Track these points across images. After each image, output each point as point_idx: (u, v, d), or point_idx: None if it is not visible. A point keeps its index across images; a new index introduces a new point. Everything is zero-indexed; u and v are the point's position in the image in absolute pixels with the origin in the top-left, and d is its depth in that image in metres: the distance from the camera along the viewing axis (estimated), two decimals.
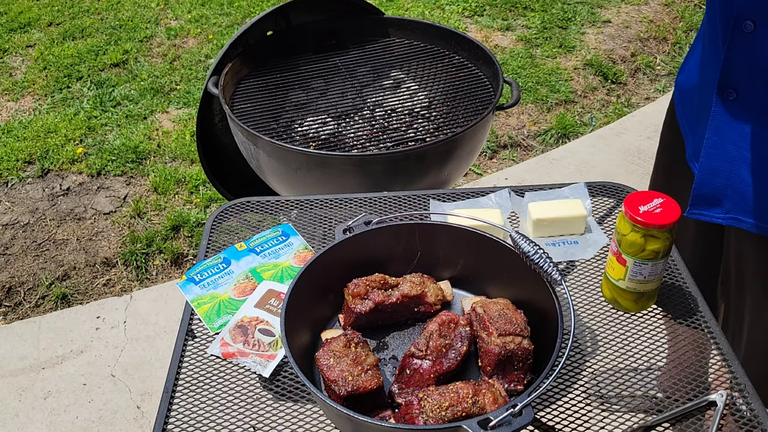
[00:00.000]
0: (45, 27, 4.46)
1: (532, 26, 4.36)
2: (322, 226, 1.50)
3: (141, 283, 2.81)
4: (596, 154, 3.42)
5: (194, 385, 1.17)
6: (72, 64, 4.06)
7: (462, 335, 1.10)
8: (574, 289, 1.34)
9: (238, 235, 1.49)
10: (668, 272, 1.35)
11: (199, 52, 4.16)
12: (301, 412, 1.12)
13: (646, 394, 1.15)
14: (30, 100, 3.82)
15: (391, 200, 1.55)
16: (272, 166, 1.87)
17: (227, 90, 2.02)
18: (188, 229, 2.98)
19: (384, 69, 2.22)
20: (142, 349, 2.51)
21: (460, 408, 0.97)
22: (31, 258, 2.89)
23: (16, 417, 2.30)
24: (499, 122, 3.62)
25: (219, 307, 1.29)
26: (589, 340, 1.24)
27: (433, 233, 1.23)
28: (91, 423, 2.28)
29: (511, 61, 4.00)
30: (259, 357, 1.18)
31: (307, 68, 2.19)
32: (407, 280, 1.20)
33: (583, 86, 3.88)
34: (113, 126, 3.58)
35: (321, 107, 2.08)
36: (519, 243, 1.10)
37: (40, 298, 2.75)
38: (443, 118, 2.05)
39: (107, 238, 2.98)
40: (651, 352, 1.21)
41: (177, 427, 1.10)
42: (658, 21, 4.47)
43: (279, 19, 2.24)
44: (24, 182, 3.24)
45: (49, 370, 2.45)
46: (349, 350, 1.06)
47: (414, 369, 1.08)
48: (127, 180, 3.26)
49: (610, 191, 1.56)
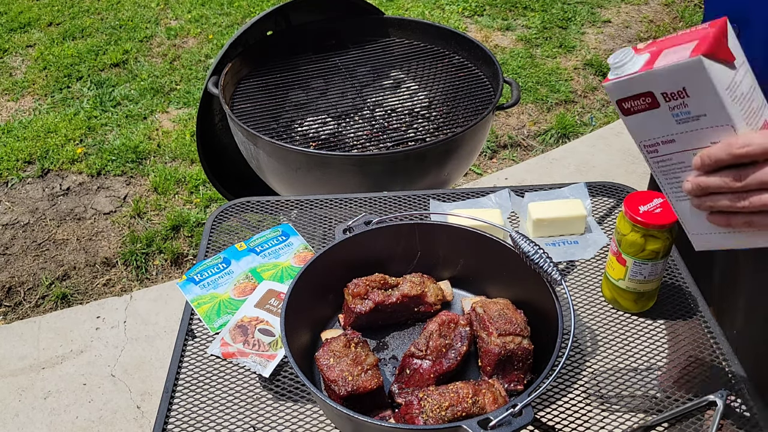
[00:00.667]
0: (45, 27, 4.46)
1: (532, 26, 4.36)
2: (322, 226, 1.50)
3: (141, 283, 2.81)
4: (596, 154, 3.42)
5: (194, 385, 1.17)
6: (72, 64, 4.06)
7: (462, 335, 1.10)
8: (574, 289, 1.34)
9: (238, 235, 1.49)
10: (668, 272, 1.35)
11: (199, 52, 4.16)
12: (301, 412, 1.12)
13: (646, 394, 1.15)
14: (30, 100, 3.82)
15: (391, 200, 1.55)
16: (272, 166, 1.87)
17: (227, 90, 2.02)
18: (188, 229, 2.98)
19: (384, 69, 2.22)
20: (142, 349, 2.51)
21: (460, 408, 0.97)
22: (31, 258, 2.89)
23: (16, 417, 2.30)
24: (499, 122, 3.62)
25: (219, 307, 1.29)
26: (589, 340, 1.24)
27: (433, 233, 1.23)
28: (91, 423, 2.28)
29: (511, 61, 4.00)
30: (259, 357, 1.18)
31: (307, 68, 2.19)
32: (407, 280, 1.20)
33: (583, 86, 3.88)
34: (113, 126, 3.58)
35: (321, 107, 2.08)
36: (519, 243, 1.10)
37: (40, 298, 2.75)
38: (443, 118, 2.05)
39: (107, 238, 2.98)
40: (651, 352, 1.21)
41: (177, 427, 1.10)
42: (658, 21, 4.47)
43: (279, 19, 2.24)
44: (24, 182, 3.24)
45: (49, 370, 2.45)
46: (349, 350, 1.06)
47: (414, 369, 1.08)
48: (127, 180, 3.26)
49: (610, 191, 1.56)
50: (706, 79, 0.73)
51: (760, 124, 0.78)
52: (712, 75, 0.73)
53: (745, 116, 0.76)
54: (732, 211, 0.80)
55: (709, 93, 0.74)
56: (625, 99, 0.79)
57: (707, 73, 0.72)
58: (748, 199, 0.77)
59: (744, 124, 0.76)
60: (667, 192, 0.87)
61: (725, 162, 0.77)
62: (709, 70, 0.72)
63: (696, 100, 0.75)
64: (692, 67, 0.73)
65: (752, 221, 0.79)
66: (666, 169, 0.83)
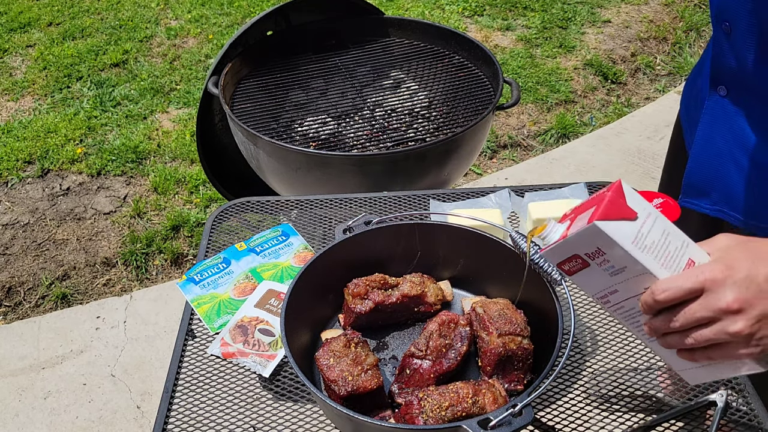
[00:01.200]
0: (45, 27, 4.46)
1: (532, 26, 4.36)
2: (322, 226, 1.50)
3: (141, 283, 2.81)
4: (596, 154, 3.43)
5: (194, 385, 1.17)
6: (72, 64, 4.06)
7: (462, 335, 1.10)
8: (574, 289, 1.34)
9: (238, 235, 1.49)
10: None
11: (199, 52, 4.16)
12: (301, 412, 1.12)
13: (646, 394, 1.15)
14: (30, 100, 3.82)
15: (391, 200, 1.55)
16: (272, 166, 1.87)
17: (227, 90, 2.02)
18: (188, 229, 2.98)
19: (384, 69, 2.22)
20: (142, 349, 2.51)
21: (460, 408, 0.97)
22: (31, 258, 2.89)
23: (16, 417, 2.30)
24: (499, 122, 3.62)
25: (219, 307, 1.29)
26: (589, 340, 1.24)
27: (433, 233, 1.23)
28: (91, 423, 2.28)
29: (511, 61, 4.00)
30: (259, 357, 1.18)
31: (307, 68, 2.19)
32: (407, 280, 1.20)
33: (583, 86, 3.88)
34: (113, 126, 3.58)
35: (321, 107, 2.08)
36: (519, 243, 1.10)
37: (40, 298, 2.75)
38: (443, 118, 2.05)
39: (107, 238, 2.98)
40: (651, 352, 1.21)
41: (177, 427, 1.10)
42: (658, 21, 4.47)
43: (279, 19, 2.24)
44: (24, 182, 3.24)
45: (49, 370, 2.45)
46: (349, 350, 1.06)
47: (414, 369, 1.08)
48: (127, 180, 3.26)
49: None
50: (609, 239, 0.80)
51: (683, 265, 0.81)
52: (611, 234, 0.80)
53: (660, 262, 0.81)
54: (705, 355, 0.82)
55: (616, 249, 0.81)
56: (561, 263, 0.87)
57: (607, 235, 0.80)
58: (691, 336, 0.80)
59: (661, 269, 0.81)
60: (639, 338, 0.91)
61: (655, 307, 0.81)
62: (607, 231, 0.80)
63: (612, 256, 0.82)
64: (592, 232, 0.81)
65: (710, 355, 0.81)
66: (626, 316, 0.88)
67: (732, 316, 0.77)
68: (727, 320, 0.77)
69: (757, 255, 0.79)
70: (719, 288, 0.77)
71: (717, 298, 0.77)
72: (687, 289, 0.78)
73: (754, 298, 0.76)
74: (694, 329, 0.79)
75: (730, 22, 1.11)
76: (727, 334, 0.77)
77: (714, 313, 0.77)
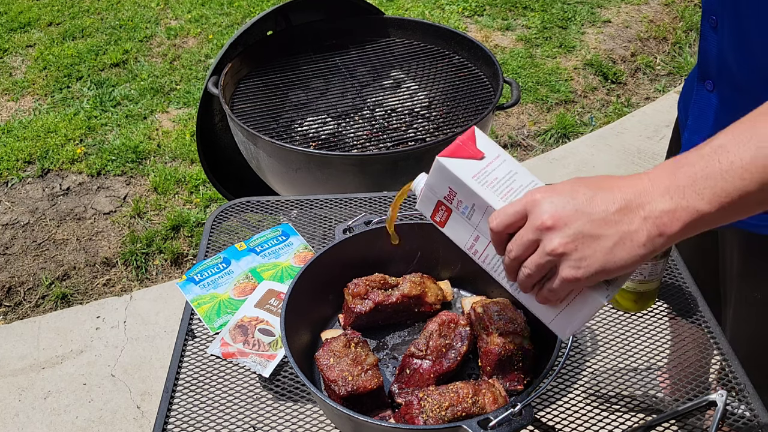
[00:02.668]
0: (45, 27, 4.46)
1: (532, 26, 4.36)
2: (322, 226, 1.50)
3: (141, 283, 2.81)
4: (596, 154, 3.43)
5: (194, 385, 1.17)
6: (72, 64, 4.06)
7: (462, 335, 1.10)
8: None
9: (238, 235, 1.49)
10: (668, 272, 1.35)
11: (199, 52, 4.16)
12: (301, 412, 1.12)
13: (646, 394, 1.15)
14: (30, 100, 3.82)
15: (391, 200, 1.55)
16: (272, 166, 1.87)
17: (227, 90, 2.02)
18: (188, 229, 2.98)
19: (384, 69, 2.22)
20: (142, 349, 2.51)
21: (460, 408, 0.97)
22: (31, 258, 2.90)
23: (16, 417, 2.30)
24: (499, 122, 3.62)
25: (219, 307, 1.29)
26: (589, 340, 1.24)
27: (433, 233, 1.22)
28: (91, 423, 2.28)
29: (511, 61, 4.00)
30: (259, 357, 1.18)
31: (307, 68, 2.19)
32: (407, 280, 1.20)
33: (583, 86, 3.88)
34: (113, 126, 3.58)
35: (321, 107, 2.08)
36: None
37: (40, 298, 2.75)
38: (443, 118, 2.05)
39: (107, 238, 2.98)
40: (651, 352, 1.21)
41: (177, 427, 1.10)
42: (658, 21, 4.47)
43: (279, 19, 2.24)
44: (24, 182, 3.24)
45: (49, 370, 2.45)
46: (349, 350, 1.06)
47: (414, 369, 1.08)
48: (127, 180, 3.26)
49: None
50: (452, 175, 0.86)
51: None
52: (453, 170, 0.86)
53: (501, 197, 0.84)
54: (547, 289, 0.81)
55: (459, 184, 0.86)
56: (433, 214, 0.92)
57: (449, 170, 0.86)
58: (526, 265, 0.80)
59: (500, 201, 0.84)
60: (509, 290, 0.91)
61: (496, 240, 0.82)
62: (448, 167, 0.86)
63: (462, 195, 0.86)
64: (437, 168, 0.88)
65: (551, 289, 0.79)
66: (492, 266, 0.90)
67: (548, 232, 0.76)
68: (546, 239, 0.76)
69: (584, 181, 0.79)
70: (537, 207, 0.77)
71: (535, 216, 0.77)
72: (512, 213, 0.79)
73: (569, 216, 0.76)
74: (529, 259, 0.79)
75: (717, 17, 1.11)
76: (547, 254, 0.76)
77: (535, 234, 0.77)
